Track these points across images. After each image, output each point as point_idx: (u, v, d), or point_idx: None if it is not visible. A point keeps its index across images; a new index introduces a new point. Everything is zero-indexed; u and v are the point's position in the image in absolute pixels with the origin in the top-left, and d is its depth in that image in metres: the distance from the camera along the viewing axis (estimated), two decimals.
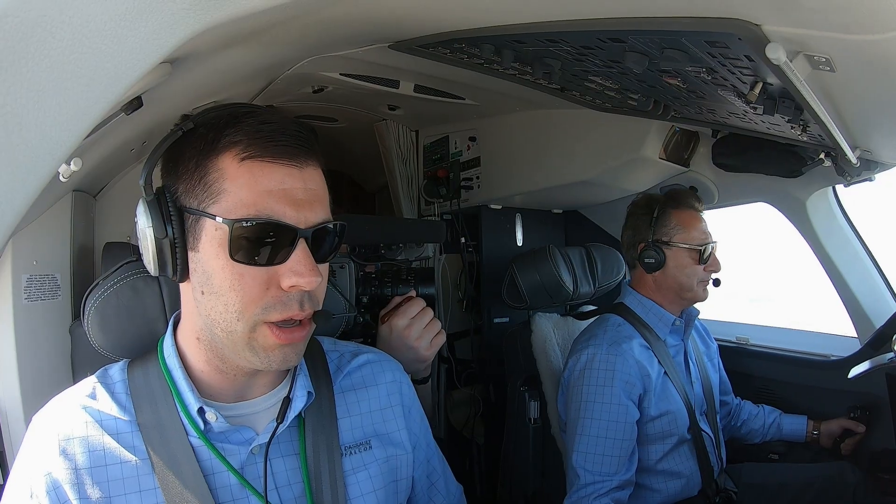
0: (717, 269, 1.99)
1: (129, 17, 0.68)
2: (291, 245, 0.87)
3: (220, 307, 0.88)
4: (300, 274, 0.87)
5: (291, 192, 0.87)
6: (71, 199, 1.47)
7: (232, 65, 1.29)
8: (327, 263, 0.96)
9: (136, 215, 0.91)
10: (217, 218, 0.85)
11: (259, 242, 0.86)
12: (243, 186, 0.86)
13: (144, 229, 0.89)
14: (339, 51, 1.53)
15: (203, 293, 0.90)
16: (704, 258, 1.96)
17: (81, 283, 1.49)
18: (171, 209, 0.89)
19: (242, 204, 0.85)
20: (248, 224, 0.85)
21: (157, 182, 0.93)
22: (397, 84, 1.98)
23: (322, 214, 0.91)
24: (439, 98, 2.14)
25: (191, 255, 0.90)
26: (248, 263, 0.86)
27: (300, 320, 0.92)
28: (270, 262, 0.87)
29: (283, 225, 0.86)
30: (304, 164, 0.90)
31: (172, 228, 0.89)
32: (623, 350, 1.86)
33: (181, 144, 0.90)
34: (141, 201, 0.90)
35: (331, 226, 0.92)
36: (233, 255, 0.85)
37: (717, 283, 2.02)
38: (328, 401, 1.07)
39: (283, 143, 0.87)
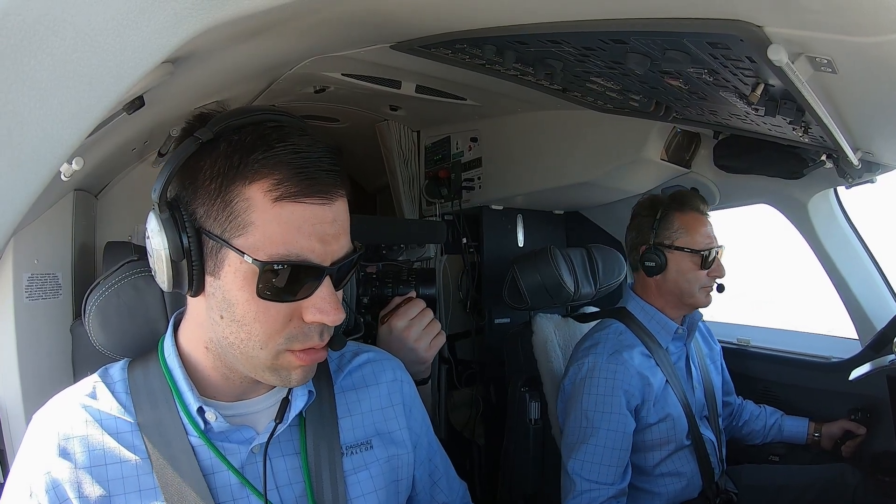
0: (720, 274, 1.95)
1: (131, 17, 0.68)
2: (316, 280, 0.86)
3: (243, 335, 0.88)
4: (325, 312, 0.87)
5: (321, 227, 0.85)
6: (72, 198, 1.47)
7: (234, 64, 1.29)
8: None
9: (147, 231, 0.88)
10: (245, 256, 0.83)
11: (286, 280, 0.84)
12: (273, 223, 0.83)
13: (159, 250, 0.86)
14: (341, 51, 1.53)
15: (223, 318, 0.88)
16: (707, 263, 1.92)
17: (82, 282, 1.49)
18: (189, 230, 0.85)
19: (271, 241, 0.83)
20: (279, 267, 0.83)
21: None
22: (399, 84, 1.98)
23: (346, 245, 0.90)
24: (441, 98, 2.14)
25: (209, 279, 0.88)
26: (274, 300, 0.85)
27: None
28: (296, 297, 0.86)
29: (312, 264, 0.85)
30: (335, 197, 0.87)
31: (191, 251, 0.86)
32: (624, 359, 1.85)
33: (200, 156, 0.85)
34: (153, 217, 0.86)
35: (352, 257, 0.91)
36: (260, 293, 0.84)
37: (720, 288, 1.98)
38: (329, 400, 1.07)
39: (317, 179, 0.84)
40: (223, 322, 0.89)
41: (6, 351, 1.35)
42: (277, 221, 0.83)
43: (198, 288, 0.88)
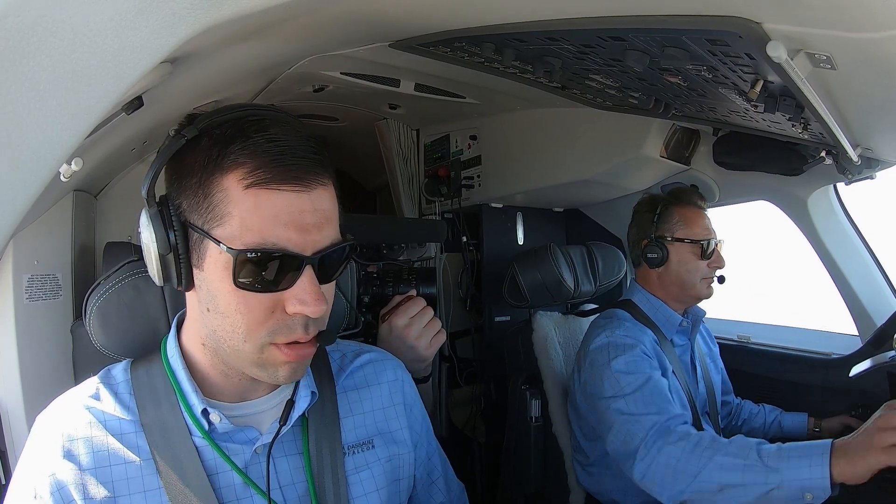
0: (720, 265, 1.99)
1: (129, 17, 0.68)
2: (297, 271, 0.85)
3: (227, 327, 0.88)
4: (305, 303, 0.85)
5: (299, 216, 0.84)
6: (72, 198, 1.47)
7: (232, 64, 1.29)
8: (334, 281, 0.95)
9: (139, 225, 0.89)
10: (221, 245, 0.83)
11: (264, 270, 0.84)
12: (248, 212, 0.83)
13: (148, 244, 0.88)
14: (340, 50, 1.52)
15: (209, 311, 0.89)
16: (707, 254, 1.96)
17: (83, 282, 1.49)
18: (175, 224, 0.87)
19: (247, 230, 0.83)
20: (254, 255, 0.82)
21: (160, 187, 0.90)
22: (398, 83, 1.98)
23: (331, 236, 0.88)
24: (440, 97, 2.14)
25: (195, 271, 0.89)
26: (252, 290, 0.85)
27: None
28: (276, 288, 0.85)
29: (289, 253, 0.84)
30: (313, 185, 0.85)
31: (177, 245, 0.87)
32: (638, 335, 1.88)
33: (185, 153, 0.86)
34: (144, 212, 0.88)
35: (339, 248, 0.90)
36: (237, 282, 0.84)
37: (721, 280, 2.01)
38: (331, 401, 1.07)
39: (291, 165, 0.83)
40: (210, 315, 0.89)
41: (7, 352, 1.35)
42: (253, 210, 0.83)
43: (187, 282, 0.89)
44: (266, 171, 0.82)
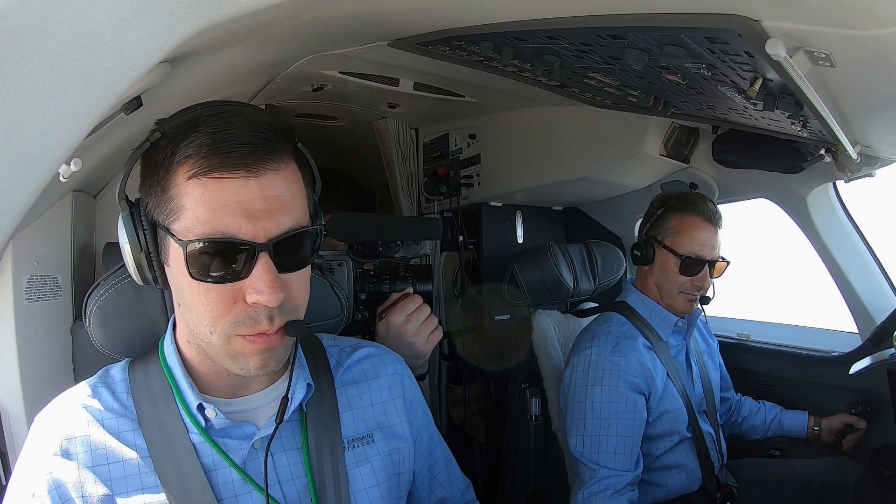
0: (702, 286, 1.96)
1: (128, 17, 0.68)
2: (252, 259, 0.85)
3: (195, 319, 0.89)
4: (260, 291, 0.85)
5: (247, 203, 0.83)
6: (71, 199, 1.47)
7: (231, 64, 1.29)
8: (306, 269, 0.94)
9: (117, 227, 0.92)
10: (175, 238, 0.85)
11: (216, 260, 0.84)
12: (198, 203, 0.83)
13: (123, 244, 0.91)
14: (339, 49, 1.52)
15: (180, 305, 0.92)
16: (689, 270, 1.93)
17: (82, 283, 1.49)
18: (144, 224, 0.89)
19: (198, 221, 0.83)
20: (201, 244, 0.83)
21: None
22: (397, 82, 1.98)
23: (286, 222, 0.87)
24: (439, 95, 2.13)
25: (166, 268, 0.91)
26: (208, 281, 0.85)
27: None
28: (233, 278, 0.85)
29: (239, 241, 0.84)
30: (260, 172, 0.85)
31: (147, 244, 0.89)
32: (626, 351, 1.86)
33: (153, 154, 0.88)
34: (120, 215, 0.90)
35: (299, 233, 0.89)
36: (192, 273, 0.84)
37: (704, 300, 2.01)
38: (329, 395, 1.07)
39: (233, 152, 0.83)
40: (182, 309, 0.91)
41: (6, 353, 1.35)
42: (202, 201, 0.83)
43: (161, 280, 0.92)
44: (208, 160, 0.83)
